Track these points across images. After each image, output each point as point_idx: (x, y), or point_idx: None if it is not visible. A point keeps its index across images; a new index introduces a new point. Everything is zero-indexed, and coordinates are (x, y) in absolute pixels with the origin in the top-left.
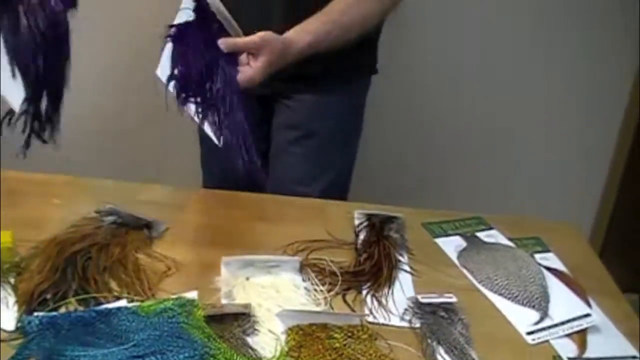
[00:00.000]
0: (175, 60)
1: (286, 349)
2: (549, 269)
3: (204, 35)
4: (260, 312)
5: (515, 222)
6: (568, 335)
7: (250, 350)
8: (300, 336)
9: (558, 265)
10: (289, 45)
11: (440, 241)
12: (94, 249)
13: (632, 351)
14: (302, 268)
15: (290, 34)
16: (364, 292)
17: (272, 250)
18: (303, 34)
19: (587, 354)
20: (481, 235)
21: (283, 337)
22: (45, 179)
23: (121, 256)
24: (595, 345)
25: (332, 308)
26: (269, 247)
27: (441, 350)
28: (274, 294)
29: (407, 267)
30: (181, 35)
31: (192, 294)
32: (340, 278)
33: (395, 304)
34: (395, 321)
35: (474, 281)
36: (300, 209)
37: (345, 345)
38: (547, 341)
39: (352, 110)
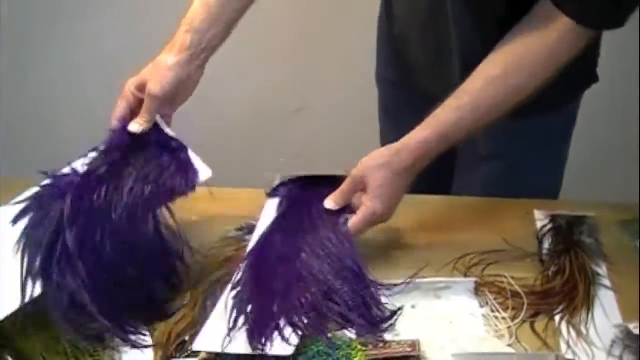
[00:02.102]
0: None
1: None
2: None
3: None
4: (430, 350)
5: None
6: None
7: None
8: None
9: None
10: (397, 153)
11: None
12: None
13: None
14: (478, 289)
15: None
16: (557, 318)
17: (440, 267)
18: (419, 130)
19: None
20: None
21: None
22: None
23: None
24: None
25: (519, 340)
26: (435, 264)
27: None
28: (446, 327)
29: (607, 282)
30: None
31: (351, 334)
32: (525, 301)
33: (599, 334)
34: (601, 358)
35: None
36: (467, 210)
37: None
38: None
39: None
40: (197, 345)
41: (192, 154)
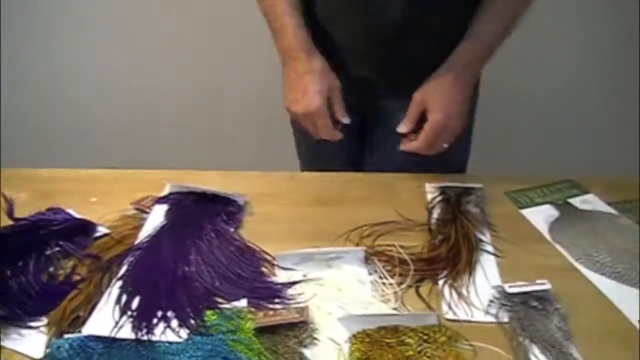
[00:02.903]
0: None
1: None
2: None
3: None
4: (319, 316)
5: (616, 183)
6: None
7: None
8: (367, 344)
9: None
10: (446, 68)
11: (527, 212)
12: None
13: None
14: (368, 258)
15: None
16: (441, 282)
17: (333, 239)
18: (459, 47)
19: None
20: (575, 201)
21: (346, 347)
22: (81, 175)
23: None
24: None
25: (404, 304)
26: (329, 236)
27: (535, 349)
28: (335, 293)
29: (489, 248)
30: None
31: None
32: (412, 267)
33: (479, 295)
34: (479, 316)
35: (571, 259)
36: (363, 186)
37: (420, 352)
38: None
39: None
40: (86, 329)
41: None
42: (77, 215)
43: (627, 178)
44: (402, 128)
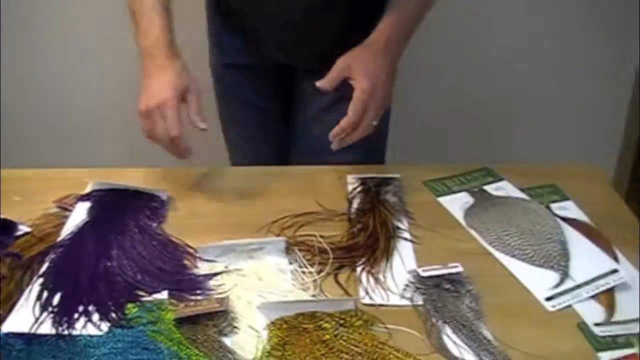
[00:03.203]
0: None
1: (268, 347)
2: (567, 220)
3: None
4: (239, 306)
5: (528, 171)
6: (593, 297)
7: (228, 354)
8: (285, 331)
9: (578, 215)
10: (371, 39)
11: (444, 200)
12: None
13: None
14: (289, 248)
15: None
16: (359, 269)
17: (255, 231)
18: (382, 21)
19: (616, 317)
20: (490, 188)
21: (265, 334)
22: (4, 175)
23: None
24: (627, 305)
25: (323, 292)
26: (251, 228)
27: (448, 329)
28: (255, 283)
29: (407, 235)
30: None
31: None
32: (331, 256)
33: (395, 280)
34: (395, 300)
35: (483, 243)
36: (285, 179)
37: (336, 336)
38: (569, 306)
39: None
40: (5, 327)
41: None
42: None
43: (538, 165)
44: (320, 83)
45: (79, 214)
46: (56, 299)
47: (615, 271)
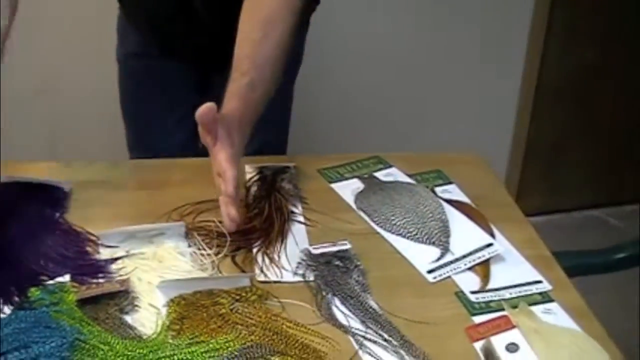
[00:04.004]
0: None
1: (167, 322)
2: (450, 201)
3: None
4: (140, 286)
5: (416, 158)
6: (470, 269)
7: (129, 329)
8: (183, 307)
9: (460, 196)
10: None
11: (337, 186)
12: None
13: (536, 276)
14: (189, 233)
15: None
16: (255, 250)
17: (156, 219)
18: (226, 103)
19: (491, 285)
20: (379, 174)
21: (164, 310)
22: None
23: None
24: (500, 274)
25: (221, 272)
26: (154, 215)
27: (337, 301)
28: (155, 265)
29: (301, 218)
30: None
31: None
32: (228, 239)
33: (289, 259)
34: (288, 277)
35: (372, 224)
36: (186, 170)
37: (232, 310)
38: (449, 277)
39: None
40: None
41: None
42: None
43: (425, 153)
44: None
45: None
46: None
47: (490, 245)
